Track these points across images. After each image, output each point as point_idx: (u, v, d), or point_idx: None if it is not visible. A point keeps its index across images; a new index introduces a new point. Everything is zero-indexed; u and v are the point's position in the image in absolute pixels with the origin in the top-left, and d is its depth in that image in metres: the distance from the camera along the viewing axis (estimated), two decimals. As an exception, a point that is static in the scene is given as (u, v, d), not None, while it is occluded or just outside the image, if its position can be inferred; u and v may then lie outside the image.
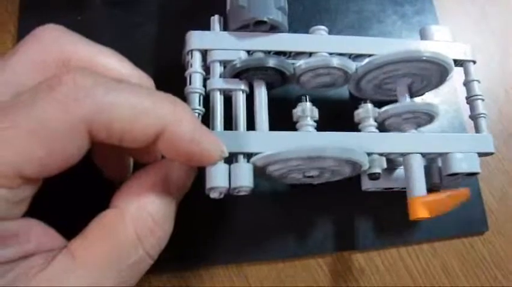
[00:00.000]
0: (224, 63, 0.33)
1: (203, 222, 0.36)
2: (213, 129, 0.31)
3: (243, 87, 0.33)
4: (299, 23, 0.41)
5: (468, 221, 0.40)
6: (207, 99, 0.33)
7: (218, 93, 0.33)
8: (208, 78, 0.33)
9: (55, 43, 0.26)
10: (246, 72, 0.33)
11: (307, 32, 0.36)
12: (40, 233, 0.24)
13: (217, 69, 0.33)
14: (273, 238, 0.37)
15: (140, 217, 0.25)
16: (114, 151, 0.30)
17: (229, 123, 0.32)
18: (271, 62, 0.32)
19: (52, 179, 0.23)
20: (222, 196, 0.30)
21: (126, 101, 0.23)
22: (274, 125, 0.33)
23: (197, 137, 0.25)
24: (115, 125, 0.23)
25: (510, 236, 0.41)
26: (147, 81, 0.29)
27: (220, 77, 0.33)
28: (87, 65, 0.26)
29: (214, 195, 0.29)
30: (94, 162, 0.30)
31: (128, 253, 0.24)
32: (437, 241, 0.40)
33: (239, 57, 0.33)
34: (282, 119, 0.33)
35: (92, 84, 0.22)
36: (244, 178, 0.30)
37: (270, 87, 0.34)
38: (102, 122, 0.22)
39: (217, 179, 0.29)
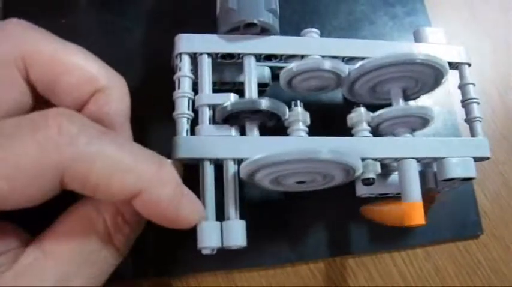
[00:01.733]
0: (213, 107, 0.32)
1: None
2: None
3: (233, 134, 0.32)
4: (288, 26, 0.40)
5: (462, 224, 0.40)
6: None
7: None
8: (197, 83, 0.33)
9: (16, 38, 0.25)
10: (237, 115, 0.32)
11: (296, 34, 0.35)
12: (4, 233, 0.23)
13: (207, 114, 0.32)
14: (264, 243, 0.36)
15: (111, 211, 0.25)
16: None
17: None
18: (264, 105, 0.31)
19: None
20: (214, 252, 0.29)
21: (108, 156, 0.22)
22: (265, 131, 0.32)
23: (176, 202, 0.24)
24: (91, 178, 0.22)
25: (505, 239, 0.41)
26: (116, 80, 0.28)
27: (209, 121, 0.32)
28: (49, 62, 0.25)
29: (206, 252, 0.29)
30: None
31: (99, 247, 0.24)
32: (431, 245, 0.39)
33: (229, 100, 0.31)
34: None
35: (76, 132, 0.22)
36: (236, 236, 0.29)
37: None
38: (78, 174, 0.22)
39: (209, 239, 0.29)
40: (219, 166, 0.31)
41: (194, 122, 0.32)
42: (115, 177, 0.22)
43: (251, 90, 0.33)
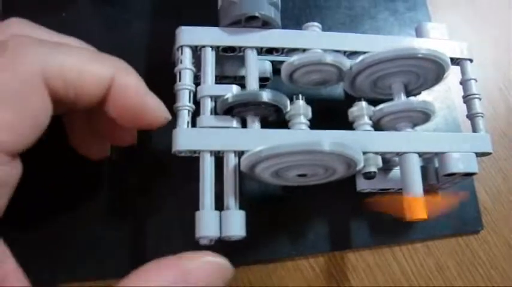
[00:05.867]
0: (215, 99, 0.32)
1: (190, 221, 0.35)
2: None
3: (235, 125, 0.32)
4: (289, 20, 0.41)
5: (463, 220, 0.40)
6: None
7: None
8: (198, 76, 0.33)
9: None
10: (238, 107, 0.31)
11: (297, 29, 0.35)
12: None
13: (208, 105, 0.32)
14: (264, 238, 0.36)
15: None
16: (86, 131, 0.31)
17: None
18: (265, 97, 0.31)
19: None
20: (212, 242, 0.29)
21: (76, 53, 0.25)
22: (266, 124, 0.32)
23: (142, 90, 0.26)
24: (67, 73, 0.23)
25: (505, 234, 0.41)
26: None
27: (211, 112, 0.32)
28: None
29: (204, 242, 0.29)
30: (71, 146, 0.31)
31: None
32: (432, 240, 0.39)
33: (231, 91, 0.31)
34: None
35: (39, 43, 0.24)
36: (235, 226, 0.29)
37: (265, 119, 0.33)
38: (55, 72, 0.23)
39: (207, 228, 0.28)
40: (219, 159, 0.31)
41: (195, 116, 0.32)
42: (87, 68, 0.24)
43: (252, 83, 0.33)
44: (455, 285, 0.39)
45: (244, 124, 0.32)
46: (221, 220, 0.29)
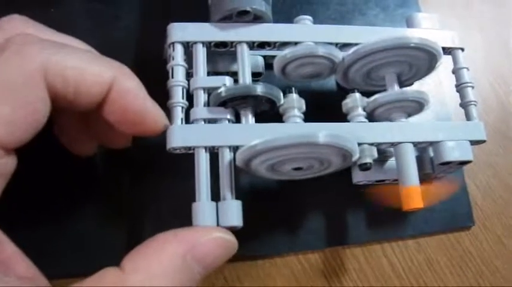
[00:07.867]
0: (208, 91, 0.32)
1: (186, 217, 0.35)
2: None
3: (228, 116, 0.31)
4: (279, 15, 0.40)
5: (454, 216, 0.40)
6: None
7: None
8: (190, 73, 0.32)
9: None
10: (231, 101, 0.31)
11: (288, 23, 0.35)
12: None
13: (201, 97, 0.32)
14: (252, 234, 0.35)
15: None
16: (79, 130, 0.31)
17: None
18: (259, 90, 0.31)
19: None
20: None
21: (78, 54, 0.25)
22: (260, 119, 0.32)
23: (142, 95, 0.27)
24: (69, 71, 0.24)
25: (496, 230, 0.41)
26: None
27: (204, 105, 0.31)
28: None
29: None
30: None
31: None
32: (422, 237, 0.39)
33: (224, 83, 0.31)
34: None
35: (43, 42, 0.24)
36: (232, 216, 0.29)
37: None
38: (56, 71, 0.23)
39: (204, 218, 0.28)
40: (214, 156, 0.31)
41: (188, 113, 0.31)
42: (88, 68, 0.25)
43: (245, 78, 0.33)
44: (446, 281, 0.39)
45: (237, 117, 0.32)
46: (218, 211, 0.29)
